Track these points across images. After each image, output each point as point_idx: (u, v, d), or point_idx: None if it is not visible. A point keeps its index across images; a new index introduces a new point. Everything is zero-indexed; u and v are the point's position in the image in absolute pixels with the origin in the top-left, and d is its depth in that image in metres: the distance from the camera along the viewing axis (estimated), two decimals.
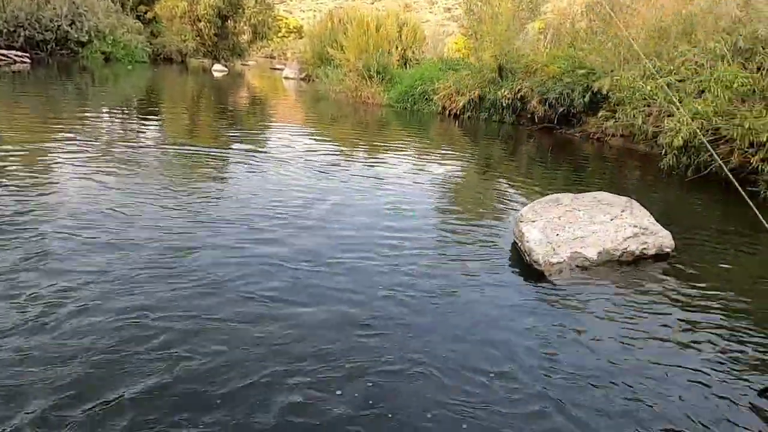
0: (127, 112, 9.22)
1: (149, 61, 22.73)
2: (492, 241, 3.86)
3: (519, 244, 3.56)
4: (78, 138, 6.08)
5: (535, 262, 3.31)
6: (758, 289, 3.40)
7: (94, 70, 16.96)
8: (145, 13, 24.93)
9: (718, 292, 3.17)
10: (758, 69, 6.04)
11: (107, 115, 8.57)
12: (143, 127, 7.64)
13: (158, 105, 11.12)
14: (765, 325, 2.80)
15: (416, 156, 7.32)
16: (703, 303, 3.02)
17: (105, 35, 20.13)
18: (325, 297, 2.75)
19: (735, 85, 5.76)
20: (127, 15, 22.80)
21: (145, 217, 3.63)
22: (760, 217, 2.50)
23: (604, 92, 8.56)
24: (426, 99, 12.61)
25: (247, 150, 6.51)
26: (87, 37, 19.43)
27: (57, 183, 4.28)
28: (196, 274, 2.84)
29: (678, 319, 2.80)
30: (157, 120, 8.69)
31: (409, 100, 12.96)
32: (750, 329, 2.74)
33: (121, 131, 7.04)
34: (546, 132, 10.24)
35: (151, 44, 23.68)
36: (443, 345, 2.38)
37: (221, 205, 4.12)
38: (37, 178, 4.33)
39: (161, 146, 6.36)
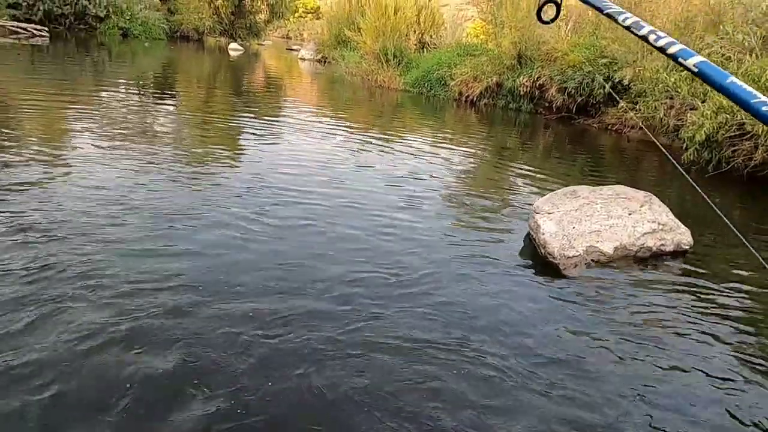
0: (144, 88, 9.24)
1: (166, 38, 22.69)
2: (506, 232, 3.83)
3: (534, 235, 3.52)
4: (96, 111, 6.12)
5: (549, 254, 3.27)
6: None
7: (111, 46, 16.98)
8: None
9: (737, 292, 3.12)
10: None
11: (124, 90, 8.59)
12: (160, 103, 7.66)
13: (176, 83, 11.12)
14: None
15: (431, 143, 7.26)
16: (720, 302, 2.97)
17: (123, 11, 20.11)
18: (334, 278, 2.75)
19: (763, 80, 5.60)
20: None
21: (158, 187, 3.66)
22: None
23: (626, 83, 8.38)
24: (442, 84, 12.45)
25: (261, 128, 6.50)
26: (105, 12, 19.42)
27: (75, 153, 4.31)
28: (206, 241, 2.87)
29: (694, 320, 2.76)
30: (174, 98, 8.70)
31: (426, 85, 12.82)
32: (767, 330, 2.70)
33: (139, 107, 7.06)
34: (563, 121, 10.09)
35: (168, 21, 23.61)
36: (452, 332, 2.37)
37: (231, 180, 4.13)
38: (55, 149, 4.37)
39: (177, 122, 6.39)
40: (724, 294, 3.07)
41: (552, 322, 2.59)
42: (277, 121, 7.62)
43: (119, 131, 5.43)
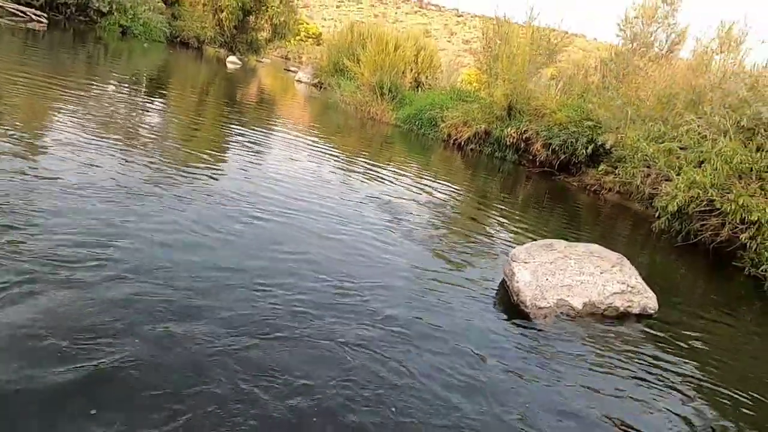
0: (135, 87, 9.19)
1: (165, 42, 22.74)
2: (480, 276, 3.89)
3: (508, 282, 3.59)
4: (79, 101, 6.06)
5: (522, 302, 3.33)
6: (734, 359, 3.45)
7: (109, 41, 16.92)
8: None
9: (696, 359, 3.22)
10: (758, 149, 6.21)
11: (114, 86, 8.54)
12: (148, 104, 7.63)
13: (169, 87, 11.10)
14: (737, 392, 2.84)
15: (415, 179, 7.37)
16: (679, 367, 3.05)
17: (126, 9, 20.15)
18: (295, 319, 2.69)
19: (734, 161, 5.92)
20: None
21: (122, 181, 3.62)
22: None
23: (608, 147, 8.73)
24: (433, 125, 12.75)
25: (246, 141, 6.51)
26: (108, 8, 19.43)
27: (52, 149, 4.24)
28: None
29: (652, 381, 2.82)
30: (164, 100, 8.68)
31: (416, 122, 13.10)
32: (722, 396, 2.77)
33: (125, 104, 7.02)
34: (545, 176, 10.39)
35: (170, 26, 23.72)
36: (402, 363, 2.38)
37: (202, 185, 4.12)
38: (30, 144, 4.30)
39: (161, 124, 6.36)
40: (680, 362, 3.15)
41: (509, 367, 2.62)
42: (264, 137, 7.65)
43: (97, 124, 5.36)
